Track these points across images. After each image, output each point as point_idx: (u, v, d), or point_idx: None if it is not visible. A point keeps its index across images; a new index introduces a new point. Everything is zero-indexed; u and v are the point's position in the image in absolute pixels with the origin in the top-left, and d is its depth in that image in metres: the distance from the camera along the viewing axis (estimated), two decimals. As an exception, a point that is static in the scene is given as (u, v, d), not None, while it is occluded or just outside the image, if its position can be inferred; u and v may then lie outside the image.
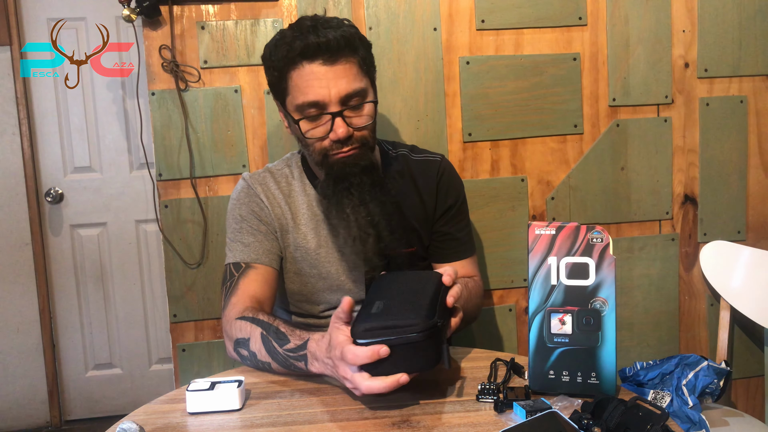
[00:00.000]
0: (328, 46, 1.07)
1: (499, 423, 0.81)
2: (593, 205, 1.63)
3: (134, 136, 2.40)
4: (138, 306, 2.50)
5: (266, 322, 1.03)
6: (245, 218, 1.21)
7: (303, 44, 1.07)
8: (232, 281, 1.15)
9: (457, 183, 1.31)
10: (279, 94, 1.15)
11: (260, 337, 1.01)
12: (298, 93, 1.10)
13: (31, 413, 2.48)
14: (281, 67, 1.10)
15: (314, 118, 1.10)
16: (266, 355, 1.00)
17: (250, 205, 1.22)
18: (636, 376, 1.37)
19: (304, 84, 1.08)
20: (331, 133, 1.10)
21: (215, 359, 1.57)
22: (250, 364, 1.04)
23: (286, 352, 0.97)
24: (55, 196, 2.38)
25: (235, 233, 1.20)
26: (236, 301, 1.11)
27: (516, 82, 1.57)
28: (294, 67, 1.09)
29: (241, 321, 1.05)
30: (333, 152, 1.12)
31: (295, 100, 1.10)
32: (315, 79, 1.08)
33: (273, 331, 1.00)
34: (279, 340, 0.98)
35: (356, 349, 0.83)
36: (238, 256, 1.18)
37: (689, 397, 1.28)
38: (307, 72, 1.08)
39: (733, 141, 1.65)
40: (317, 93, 1.08)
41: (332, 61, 1.08)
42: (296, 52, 1.07)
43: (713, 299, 1.67)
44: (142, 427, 0.81)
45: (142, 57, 1.50)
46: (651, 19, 1.60)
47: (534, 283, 0.88)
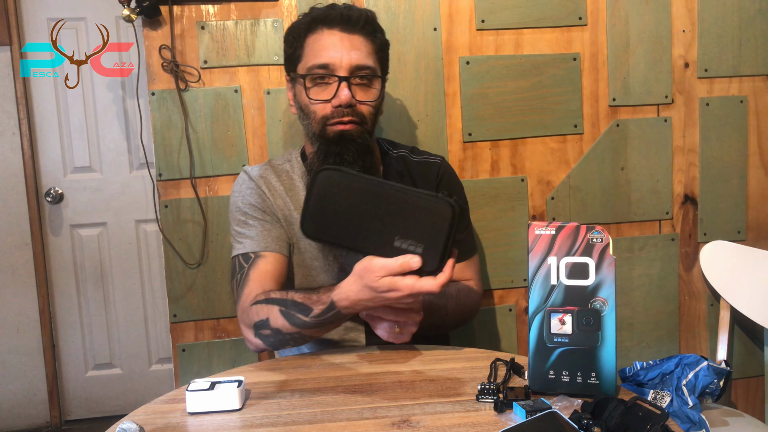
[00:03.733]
0: (349, 17, 1.13)
1: (499, 423, 0.81)
2: (593, 205, 1.63)
3: (134, 136, 2.40)
4: (138, 306, 2.50)
5: (280, 298, 1.04)
6: (249, 209, 1.20)
7: (324, 12, 1.13)
8: (242, 273, 1.15)
9: (457, 185, 1.32)
10: (292, 63, 1.18)
11: (280, 314, 1.03)
12: (311, 56, 1.13)
13: (31, 413, 2.48)
14: (299, 33, 1.15)
15: (321, 80, 1.13)
16: (292, 327, 1.02)
17: (253, 195, 1.21)
18: (636, 376, 1.37)
19: (319, 47, 1.12)
20: (334, 98, 1.12)
21: (215, 359, 1.57)
22: (273, 341, 1.06)
23: (315, 318, 1.00)
24: (55, 196, 2.38)
25: (241, 225, 1.20)
26: (249, 291, 1.11)
27: (516, 82, 1.57)
28: (312, 32, 1.14)
29: (256, 305, 1.07)
30: (332, 121, 1.13)
31: (307, 63, 1.13)
32: (330, 44, 1.12)
33: (291, 304, 1.02)
34: (302, 311, 1.01)
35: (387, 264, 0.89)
36: (247, 247, 1.17)
37: (689, 397, 1.28)
38: (324, 37, 1.13)
39: (733, 141, 1.65)
40: (329, 56, 1.11)
41: (349, 30, 1.13)
42: (317, 18, 1.13)
43: (713, 299, 1.67)
44: (142, 427, 0.81)
45: (142, 57, 1.50)
46: (651, 19, 1.60)
47: (534, 283, 0.88)
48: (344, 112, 1.12)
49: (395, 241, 0.91)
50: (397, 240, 0.91)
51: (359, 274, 0.93)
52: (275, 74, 1.53)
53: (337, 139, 1.13)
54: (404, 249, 0.90)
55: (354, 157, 1.13)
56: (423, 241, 0.90)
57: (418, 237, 0.90)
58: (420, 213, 0.90)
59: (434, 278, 0.89)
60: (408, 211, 0.91)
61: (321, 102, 1.13)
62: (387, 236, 0.91)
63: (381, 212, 0.92)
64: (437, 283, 0.89)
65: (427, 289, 0.89)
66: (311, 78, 1.13)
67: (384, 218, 0.91)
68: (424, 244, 0.90)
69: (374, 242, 0.92)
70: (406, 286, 0.89)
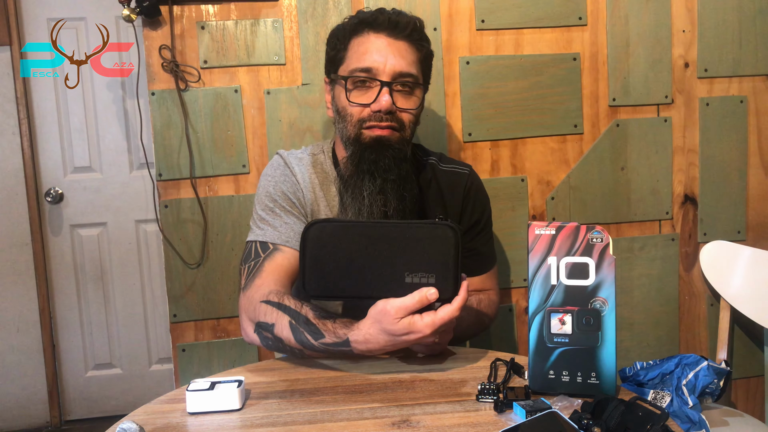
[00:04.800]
0: (397, 23, 1.11)
1: (499, 423, 0.81)
2: (593, 205, 1.63)
3: (134, 136, 2.40)
4: (138, 306, 2.50)
5: (293, 309, 1.00)
6: (279, 197, 1.17)
7: (372, 16, 1.12)
8: (257, 261, 1.11)
9: (484, 198, 1.29)
10: (333, 65, 1.16)
11: (288, 326, 0.99)
12: (354, 59, 1.12)
13: (31, 413, 2.48)
14: (344, 35, 1.14)
15: (362, 83, 1.11)
16: (297, 344, 0.99)
17: (285, 183, 1.18)
18: (636, 376, 1.37)
19: (363, 50, 1.11)
20: (374, 103, 1.10)
21: (215, 359, 1.57)
22: (272, 345, 1.03)
23: (324, 345, 0.96)
24: (55, 196, 2.38)
25: (266, 211, 1.16)
26: (261, 284, 1.08)
27: (516, 82, 1.57)
28: (357, 35, 1.12)
29: (266, 305, 1.03)
30: (369, 123, 1.11)
31: (350, 66, 1.12)
32: (375, 48, 1.11)
33: (303, 321, 0.98)
34: (312, 334, 0.97)
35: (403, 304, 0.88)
36: (267, 236, 1.14)
37: (689, 397, 1.28)
38: (369, 40, 1.11)
39: (733, 141, 1.65)
40: (373, 60, 1.10)
41: (396, 36, 1.11)
42: (364, 21, 1.12)
43: (713, 299, 1.67)
44: (142, 427, 0.81)
45: (142, 57, 1.50)
46: (651, 19, 1.60)
47: (534, 283, 0.88)
48: (383, 117, 1.10)
49: (405, 277, 0.91)
50: (408, 276, 0.91)
51: (376, 318, 0.91)
52: (275, 74, 1.53)
53: (373, 144, 1.11)
54: (417, 283, 0.90)
55: (389, 164, 1.10)
56: (433, 270, 0.90)
57: (428, 267, 0.90)
58: (423, 244, 0.90)
59: (450, 304, 0.89)
60: (411, 245, 0.91)
61: (360, 105, 1.11)
62: (396, 275, 0.91)
63: (384, 253, 0.91)
64: (455, 308, 0.89)
65: (447, 318, 0.88)
66: (352, 81, 1.11)
67: (389, 258, 0.91)
68: (435, 272, 0.90)
69: (385, 285, 0.91)
70: (425, 326, 0.88)
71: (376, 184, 1.10)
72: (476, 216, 1.26)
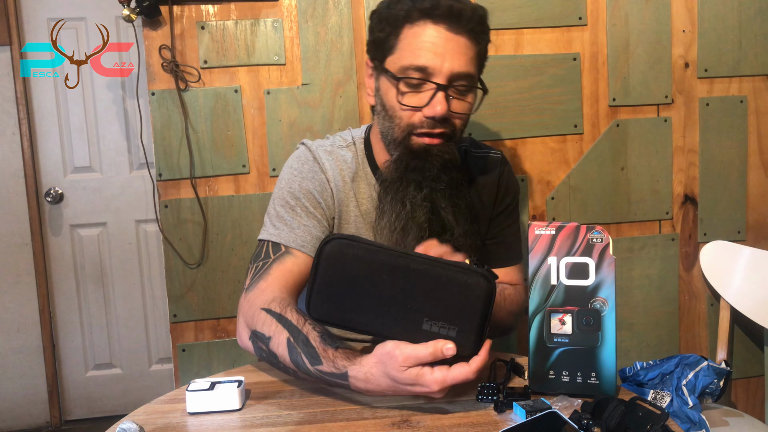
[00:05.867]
0: (460, 14, 0.96)
1: (499, 423, 0.81)
2: (593, 205, 1.63)
3: (134, 136, 2.40)
4: (138, 306, 2.50)
5: (294, 325, 0.90)
6: (303, 195, 1.06)
7: (432, 3, 0.95)
8: (266, 263, 1.02)
9: (515, 182, 1.22)
10: (380, 51, 1.02)
11: (286, 343, 0.90)
12: (407, 52, 0.98)
13: (31, 413, 2.47)
14: (397, 19, 0.98)
15: (415, 85, 0.98)
16: (291, 364, 0.90)
17: (313, 181, 1.07)
18: (636, 376, 1.37)
19: (419, 45, 0.97)
20: (427, 108, 0.98)
21: (215, 359, 1.57)
22: (265, 357, 0.95)
23: (320, 373, 0.87)
24: (55, 196, 2.38)
25: (286, 208, 1.06)
26: (266, 287, 0.99)
27: (516, 82, 1.57)
28: (412, 23, 0.97)
29: (266, 314, 0.94)
30: (420, 131, 1.00)
31: (402, 60, 0.98)
32: (432, 43, 0.96)
33: (302, 341, 0.88)
34: (310, 357, 0.87)
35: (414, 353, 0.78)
36: (282, 237, 1.04)
37: (689, 397, 1.28)
38: (426, 33, 0.97)
39: (733, 141, 1.65)
40: (430, 59, 0.96)
41: (456, 30, 0.97)
42: (423, 7, 0.96)
43: (713, 299, 1.67)
44: (142, 427, 0.81)
45: (142, 57, 1.50)
46: (651, 19, 1.60)
47: (534, 283, 0.88)
48: (435, 123, 0.99)
49: (423, 323, 0.79)
50: (426, 322, 0.79)
51: (382, 359, 0.80)
52: (275, 74, 1.53)
53: (421, 152, 1.01)
54: (435, 333, 0.79)
55: (437, 174, 1.01)
56: (456, 322, 0.78)
57: (451, 318, 0.79)
58: (451, 289, 0.79)
59: (467, 364, 0.78)
60: (437, 288, 0.79)
61: (411, 109, 0.99)
62: (413, 318, 0.79)
63: (405, 290, 0.79)
64: (472, 370, 0.78)
65: (460, 379, 0.78)
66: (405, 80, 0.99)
67: (409, 297, 0.79)
68: (458, 326, 0.78)
69: (398, 326, 0.80)
70: (434, 382, 0.77)
71: (421, 193, 1.01)
72: (507, 200, 1.19)
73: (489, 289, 0.79)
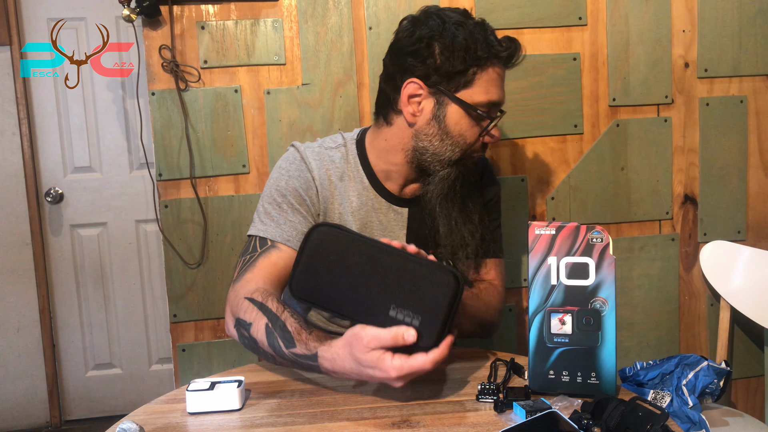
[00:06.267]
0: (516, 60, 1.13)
1: (499, 423, 0.81)
2: (593, 205, 1.63)
3: (134, 136, 2.40)
4: (138, 306, 2.50)
5: (273, 313, 0.97)
6: (290, 193, 1.13)
7: (508, 54, 1.10)
8: (253, 256, 1.09)
9: (496, 180, 1.31)
10: (453, 81, 1.09)
11: (264, 328, 0.96)
12: (484, 90, 1.10)
13: (31, 413, 2.48)
14: (479, 59, 1.08)
15: (482, 117, 1.11)
16: (269, 348, 0.95)
17: (299, 179, 1.13)
18: (636, 376, 1.37)
19: (493, 83, 1.10)
20: (487, 135, 1.12)
21: (215, 359, 1.57)
22: (248, 345, 1.00)
23: (293, 355, 0.93)
24: (55, 196, 2.38)
25: (273, 206, 1.12)
26: (251, 278, 1.05)
27: (516, 82, 1.57)
28: (492, 65, 1.10)
29: (249, 303, 1.00)
30: (475, 153, 1.14)
31: (478, 96, 1.09)
32: (499, 82, 1.12)
33: (279, 327, 0.95)
34: (285, 341, 0.94)
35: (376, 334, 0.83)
36: (269, 233, 1.10)
37: (689, 397, 1.28)
38: (497, 74, 1.11)
39: (733, 141, 1.65)
40: (500, 95, 1.11)
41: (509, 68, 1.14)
42: (501, 57, 1.10)
43: (713, 299, 1.67)
44: (142, 427, 0.81)
45: (142, 57, 1.50)
46: (651, 19, 1.60)
47: (534, 283, 0.88)
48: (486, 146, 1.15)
49: (390, 309, 0.85)
50: (393, 309, 0.85)
51: (349, 341, 0.86)
52: (275, 74, 1.53)
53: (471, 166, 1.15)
54: (399, 320, 0.84)
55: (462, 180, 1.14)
56: (421, 313, 0.84)
57: (416, 308, 0.84)
58: (420, 282, 0.84)
59: (426, 354, 0.82)
60: (407, 279, 0.85)
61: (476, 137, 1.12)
62: (382, 304, 0.85)
63: (378, 278, 0.86)
64: (429, 360, 0.82)
65: (416, 368, 0.82)
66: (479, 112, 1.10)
67: (380, 285, 0.86)
68: (422, 316, 0.83)
69: (368, 310, 0.86)
70: (392, 368, 0.82)
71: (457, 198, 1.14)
72: (488, 196, 1.27)
73: (455, 286, 0.84)
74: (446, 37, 1.08)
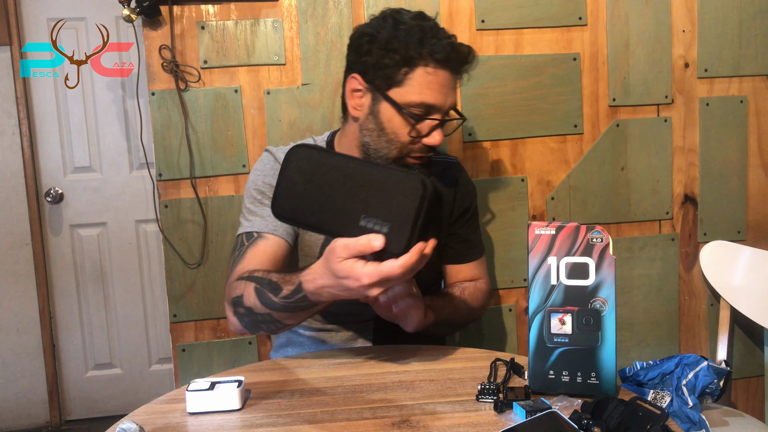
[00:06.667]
0: (465, 61, 1.11)
1: (499, 423, 0.81)
2: (593, 205, 1.63)
3: (134, 136, 2.40)
4: (138, 306, 2.50)
5: (260, 276, 1.01)
6: (267, 189, 1.17)
7: (446, 54, 1.07)
8: (242, 250, 1.13)
9: (472, 186, 1.34)
10: (385, 79, 1.10)
11: (254, 292, 0.99)
12: (417, 90, 1.08)
13: (31, 413, 2.48)
14: (409, 57, 1.07)
15: (419, 118, 1.09)
16: (263, 308, 0.98)
17: (273, 177, 1.17)
18: (636, 376, 1.37)
19: (429, 86, 1.08)
20: (428, 138, 1.10)
21: (215, 359, 1.57)
22: (248, 321, 1.02)
23: (283, 300, 0.96)
24: (55, 196, 2.38)
25: (254, 203, 1.17)
26: (241, 269, 1.08)
27: (516, 82, 1.57)
28: (426, 65, 1.07)
29: (237, 281, 1.04)
30: (414, 154, 1.12)
31: (410, 96, 1.08)
32: (440, 84, 1.09)
33: (266, 283, 0.98)
34: (273, 291, 0.97)
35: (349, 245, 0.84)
36: (255, 226, 1.15)
37: (689, 397, 1.28)
38: (437, 76, 1.08)
39: (733, 141, 1.65)
40: (437, 98, 1.09)
41: (455, 73, 1.11)
42: (438, 55, 1.07)
43: (713, 299, 1.67)
44: (142, 427, 0.81)
45: (142, 57, 1.50)
46: (651, 19, 1.60)
47: (534, 283, 0.88)
48: (429, 149, 1.12)
49: (361, 220, 0.85)
50: (363, 219, 0.85)
51: (325, 256, 0.88)
52: (275, 74, 1.53)
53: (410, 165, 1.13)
54: (369, 228, 0.84)
55: None
56: (390, 220, 0.84)
57: (385, 216, 0.84)
58: (388, 190, 0.85)
59: (396, 260, 0.83)
60: (375, 189, 0.85)
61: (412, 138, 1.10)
62: (353, 215, 0.86)
63: (349, 190, 0.86)
64: (399, 264, 0.82)
65: (386, 273, 0.82)
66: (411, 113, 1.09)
67: (351, 196, 0.86)
68: (391, 223, 0.84)
69: (341, 222, 0.87)
70: (364, 275, 0.83)
71: None
72: (467, 203, 1.30)
73: (422, 190, 0.83)
74: (383, 35, 1.09)
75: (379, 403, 0.89)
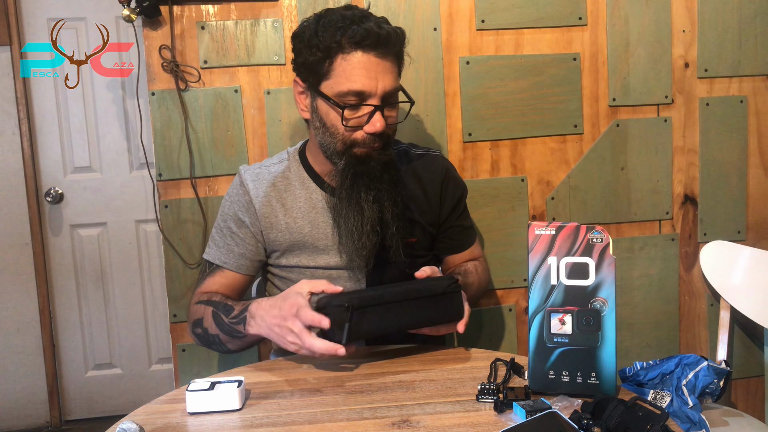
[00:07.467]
0: (387, 41, 1.08)
1: (499, 423, 0.81)
2: (593, 205, 1.63)
3: (134, 136, 2.40)
4: (138, 306, 2.50)
5: (217, 301, 1.13)
6: (229, 218, 1.23)
7: (362, 35, 1.05)
8: (202, 277, 1.24)
9: (458, 177, 1.35)
10: (314, 75, 1.11)
11: (211, 315, 1.11)
12: (343, 79, 1.07)
13: (31, 413, 2.48)
14: (328, 48, 1.07)
15: (354, 106, 1.08)
16: (215, 328, 1.10)
17: (237, 203, 1.22)
18: (636, 376, 1.37)
19: (353, 72, 1.07)
20: (367, 125, 1.09)
21: (215, 359, 1.57)
22: (203, 341, 1.15)
23: (230, 320, 1.08)
24: (55, 196, 2.38)
25: (217, 230, 1.25)
26: (200, 293, 1.20)
27: (516, 82, 1.57)
28: (345, 52, 1.07)
29: (198, 304, 1.16)
30: (361, 145, 1.11)
31: (338, 86, 1.08)
32: (365, 69, 1.07)
33: (222, 306, 1.11)
34: (225, 312, 1.09)
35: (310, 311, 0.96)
36: (212, 255, 1.24)
37: (689, 397, 1.28)
38: (360, 60, 1.07)
39: (733, 141, 1.65)
40: (365, 83, 1.07)
41: (383, 55, 1.08)
42: (354, 41, 1.05)
43: (713, 299, 1.67)
44: (142, 427, 0.81)
45: (142, 57, 1.50)
46: (651, 19, 1.60)
47: (534, 283, 0.88)
48: (375, 138, 1.10)
49: None
50: None
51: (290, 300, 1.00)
52: (275, 74, 1.53)
53: (364, 158, 1.12)
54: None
55: (380, 173, 1.13)
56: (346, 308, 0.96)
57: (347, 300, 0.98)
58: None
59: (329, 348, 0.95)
60: None
61: (352, 129, 1.10)
62: None
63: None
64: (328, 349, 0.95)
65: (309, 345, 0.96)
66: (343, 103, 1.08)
67: None
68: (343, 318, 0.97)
69: None
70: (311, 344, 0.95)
71: (371, 194, 1.12)
72: (457, 194, 1.31)
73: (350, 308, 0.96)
74: (307, 34, 1.11)
75: (379, 403, 0.89)
